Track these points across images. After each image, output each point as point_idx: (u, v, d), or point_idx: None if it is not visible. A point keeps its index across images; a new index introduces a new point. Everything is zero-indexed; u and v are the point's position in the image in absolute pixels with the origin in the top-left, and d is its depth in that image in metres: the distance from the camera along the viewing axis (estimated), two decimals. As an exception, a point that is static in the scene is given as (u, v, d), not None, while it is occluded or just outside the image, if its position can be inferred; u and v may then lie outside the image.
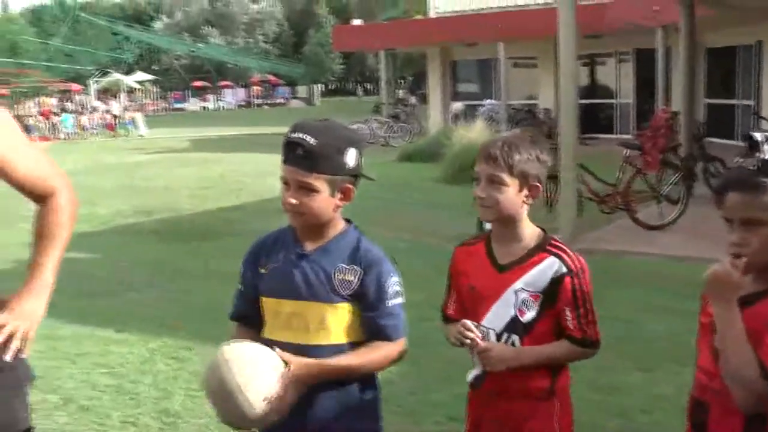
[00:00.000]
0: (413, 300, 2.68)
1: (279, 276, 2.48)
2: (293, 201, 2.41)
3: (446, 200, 12.88)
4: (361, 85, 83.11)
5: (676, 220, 10.16)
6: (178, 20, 79.68)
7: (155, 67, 72.17)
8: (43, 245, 2.48)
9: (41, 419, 4.34)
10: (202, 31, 77.07)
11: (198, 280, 8.22)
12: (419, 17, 30.39)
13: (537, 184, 2.54)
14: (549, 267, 2.51)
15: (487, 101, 25.17)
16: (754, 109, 18.03)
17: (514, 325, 2.53)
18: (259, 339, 2.48)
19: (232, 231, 10.59)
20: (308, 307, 2.42)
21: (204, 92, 70.02)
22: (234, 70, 75.36)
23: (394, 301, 2.45)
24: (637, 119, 22.75)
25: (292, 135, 2.40)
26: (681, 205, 10.27)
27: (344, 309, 2.43)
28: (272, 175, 15.56)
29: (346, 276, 2.43)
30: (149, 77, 65.36)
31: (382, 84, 29.55)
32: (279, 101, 66.93)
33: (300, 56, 79.36)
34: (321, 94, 71.84)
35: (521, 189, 2.51)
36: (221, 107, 65.13)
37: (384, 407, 2.62)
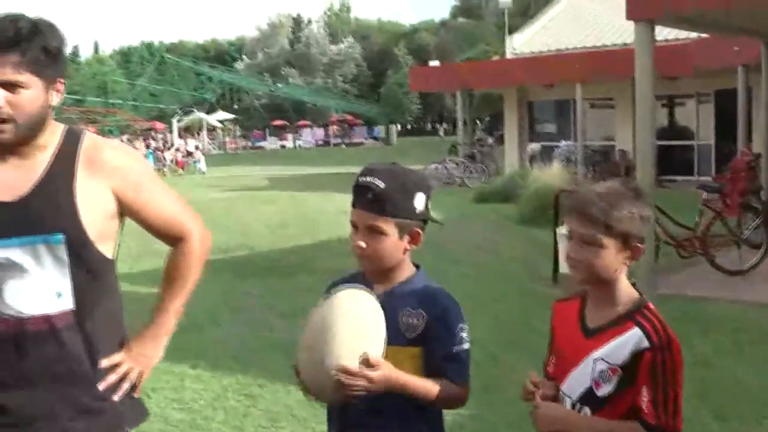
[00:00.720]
0: (484, 342, 2.67)
1: None
2: (362, 244, 2.43)
3: (522, 242, 12.80)
4: (438, 125, 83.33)
5: (757, 266, 9.90)
6: (259, 61, 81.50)
7: (236, 106, 73.72)
8: (170, 290, 2.51)
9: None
10: (283, 72, 78.64)
11: (273, 318, 8.30)
12: (496, 58, 30.47)
13: (639, 245, 2.28)
14: (630, 339, 2.23)
15: (564, 142, 25.00)
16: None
17: (589, 397, 2.31)
18: None
19: (308, 269, 10.68)
20: None
21: (283, 131, 71.11)
22: (312, 110, 76.48)
23: (461, 347, 2.44)
24: (717, 161, 22.31)
25: (362, 179, 2.44)
26: (762, 250, 10.01)
27: (408, 352, 2.43)
28: (348, 214, 15.65)
29: (412, 320, 2.43)
30: (230, 116, 66.79)
31: (459, 124, 29.59)
32: (356, 141, 67.45)
33: (378, 96, 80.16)
34: (398, 134, 72.23)
35: (621, 251, 2.26)
36: (299, 146, 65.91)
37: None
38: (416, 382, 2.38)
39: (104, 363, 2.34)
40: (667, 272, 9.85)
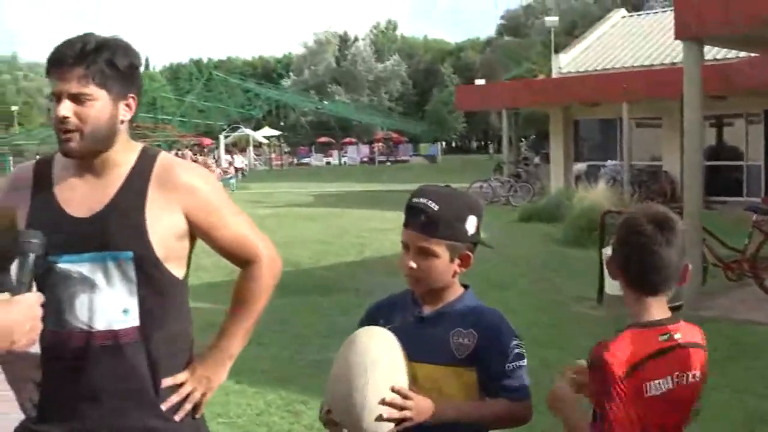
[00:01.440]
0: (532, 363, 2.66)
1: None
2: (412, 265, 2.44)
3: (566, 262, 12.72)
4: (487, 143, 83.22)
5: (808, 290, 9.73)
6: (306, 78, 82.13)
7: (282, 123, 74.27)
8: (237, 313, 2.52)
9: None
10: (329, 89, 79.11)
11: (316, 335, 8.34)
12: (542, 77, 30.36)
13: None
14: None
15: (610, 162, 24.80)
16: None
17: None
18: None
19: (352, 287, 10.71)
20: (422, 369, 2.42)
21: (328, 148, 71.49)
22: (358, 127, 76.81)
23: (517, 363, 2.44)
24: (767, 182, 21.99)
25: (415, 200, 2.45)
26: (813, 274, 9.83)
27: (459, 372, 2.43)
28: (393, 232, 15.69)
29: (462, 340, 2.43)
30: (276, 132, 67.31)
31: (504, 143, 29.51)
32: (401, 158, 67.56)
33: (423, 114, 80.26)
34: (443, 152, 72.15)
35: None
36: (344, 163, 66.19)
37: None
38: (464, 405, 2.39)
39: (168, 382, 2.37)
40: (714, 295, 9.72)
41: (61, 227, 2.26)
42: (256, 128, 67.25)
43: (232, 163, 41.33)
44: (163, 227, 2.31)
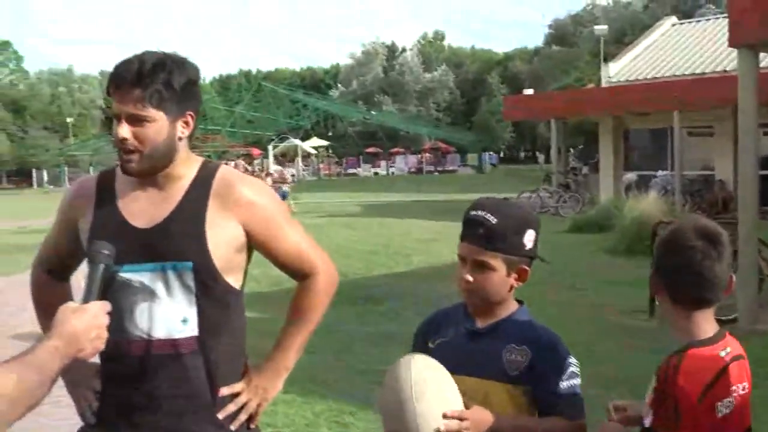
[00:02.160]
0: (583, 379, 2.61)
1: (447, 352, 2.46)
2: (469, 278, 2.42)
3: (617, 273, 12.56)
4: (536, 153, 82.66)
5: None
6: (354, 88, 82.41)
7: (330, 133, 74.52)
8: (293, 326, 2.57)
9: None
10: (376, 99, 79.27)
11: (363, 344, 8.33)
12: (591, 86, 30.12)
13: None
14: None
15: (661, 172, 24.48)
16: None
17: None
18: None
19: (399, 296, 10.70)
20: (473, 384, 2.40)
21: (376, 158, 71.63)
22: (406, 137, 76.84)
23: (571, 382, 2.40)
24: (825, 192, 21.52)
25: (473, 213, 2.43)
26: None
27: (509, 389, 2.40)
28: (440, 242, 15.68)
29: (515, 356, 2.40)
30: (324, 143, 67.60)
31: (553, 153, 29.30)
32: (449, 168, 67.42)
33: (470, 124, 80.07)
34: (490, 162, 71.79)
35: None
36: (392, 173, 66.26)
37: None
38: (521, 420, 2.36)
39: (224, 391, 2.40)
40: (770, 307, 9.53)
41: (124, 237, 2.30)
42: (305, 138, 67.57)
43: (282, 173, 41.45)
44: (223, 239, 2.35)
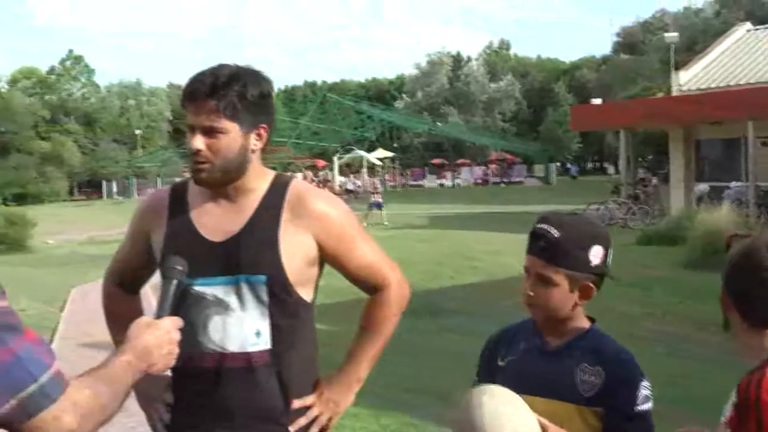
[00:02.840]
0: (661, 399, 2.52)
1: (518, 371, 2.41)
2: (530, 292, 2.37)
3: (689, 286, 12.28)
4: (599, 163, 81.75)
5: None
6: (419, 99, 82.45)
7: (395, 144, 74.71)
8: (365, 339, 2.56)
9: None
10: (442, 110, 79.22)
11: (426, 357, 8.28)
12: (661, 95, 29.65)
13: None
14: None
15: (734, 183, 23.93)
16: None
17: None
18: None
19: (464, 309, 10.63)
20: (543, 405, 2.31)
21: (441, 169, 71.51)
22: (471, 148, 76.63)
23: (644, 407, 2.31)
24: None
25: (538, 226, 2.38)
26: None
27: (581, 410, 2.32)
28: (506, 254, 15.51)
29: (589, 377, 2.33)
30: (389, 154, 67.74)
31: (621, 163, 28.89)
32: (515, 179, 67.00)
33: (537, 134, 79.49)
34: (557, 173, 71.14)
35: None
36: (458, 184, 66.10)
37: None
38: None
39: (296, 404, 2.40)
40: None
41: (197, 250, 2.32)
42: (370, 150, 67.82)
43: (375, 184, 41.44)
44: (296, 252, 2.35)
